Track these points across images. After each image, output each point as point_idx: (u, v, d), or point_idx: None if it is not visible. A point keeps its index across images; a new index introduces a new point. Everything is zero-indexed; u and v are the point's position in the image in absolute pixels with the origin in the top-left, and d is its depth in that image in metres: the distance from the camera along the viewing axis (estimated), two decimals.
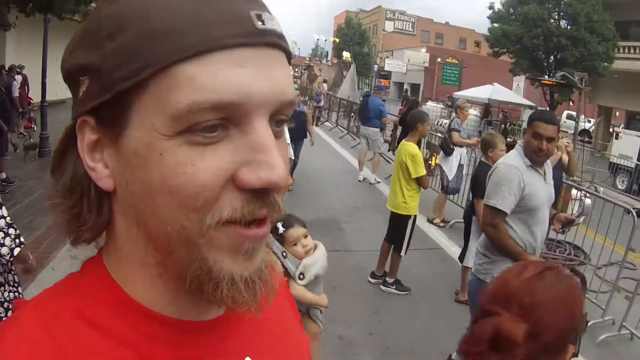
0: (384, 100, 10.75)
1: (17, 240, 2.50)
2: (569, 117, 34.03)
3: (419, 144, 5.32)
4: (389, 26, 58.31)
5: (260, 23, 0.48)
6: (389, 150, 11.46)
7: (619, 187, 14.48)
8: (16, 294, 2.68)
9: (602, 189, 13.48)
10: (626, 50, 23.60)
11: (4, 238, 2.44)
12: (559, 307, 1.15)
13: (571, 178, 6.35)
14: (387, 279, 5.22)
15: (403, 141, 5.20)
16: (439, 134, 9.73)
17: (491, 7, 27.44)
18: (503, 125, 18.71)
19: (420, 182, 4.96)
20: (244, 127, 0.48)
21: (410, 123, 5.22)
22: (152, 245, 0.52)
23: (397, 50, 49.73)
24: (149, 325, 0.54)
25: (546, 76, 22.55)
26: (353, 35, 51.27)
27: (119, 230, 0.55)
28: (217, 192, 0.47)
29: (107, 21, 0.48)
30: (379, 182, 9.64)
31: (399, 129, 10.12)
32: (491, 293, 1.18)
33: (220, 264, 0.49)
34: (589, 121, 29.82)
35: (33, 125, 10.24)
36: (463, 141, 7.38)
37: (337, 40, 50.60)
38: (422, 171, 4.91)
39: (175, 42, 0.45)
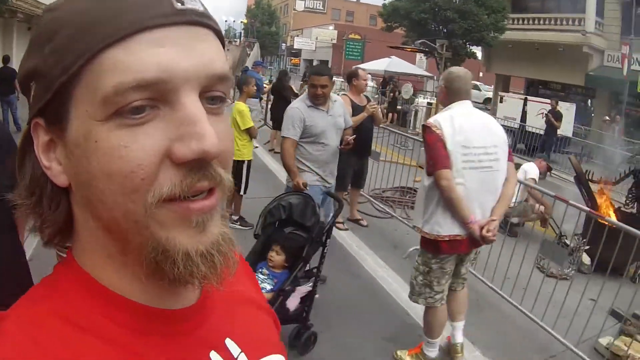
0: (262, 75, 11.70)
1: None
2: (473, 87, 36.15)
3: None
4: (300, 5, 58.86)
5: (179, 4, 0.50)
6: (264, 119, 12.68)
7: None
8: None
9: None
10: (519, 21, 25.11)
11: None
12: None
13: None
14: (232, 216, 6.19)
15: (235, 101, 6.16)
16: None
17: None
18: (392, 94, 20.14)
19: (249, 132, 5.96)
20: (172, 104, 0.48)
21: (238, 86, 6.22)
22: (109, 234, 0.52)
23: (306, 29, 50.66)
24: (133, 317, 0.54)
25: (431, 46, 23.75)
26: (262, 16, 51.63)
27: (80, 225, 0.56)
28: (154, 169, 0.48)
29: (45, 27, 0.51)
30: (256, 147, 10.51)
31: (272, 99, 11.38)
32: None
33: (173, 241, 0.49)
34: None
35: None
36: None
37: (246, 21, 50.52)
38: (249, 123, 5.91)
39: (98, 32, 0.47)
